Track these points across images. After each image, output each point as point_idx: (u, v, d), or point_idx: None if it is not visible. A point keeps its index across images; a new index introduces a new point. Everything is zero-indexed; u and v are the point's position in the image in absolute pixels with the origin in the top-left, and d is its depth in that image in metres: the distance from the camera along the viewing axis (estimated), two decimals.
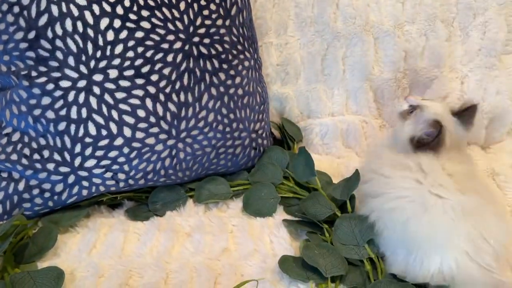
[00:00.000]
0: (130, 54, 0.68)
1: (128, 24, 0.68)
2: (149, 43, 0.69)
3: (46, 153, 0.69)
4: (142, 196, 0.80)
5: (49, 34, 0.65)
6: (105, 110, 0.68)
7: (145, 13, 0.69)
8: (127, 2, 0.68)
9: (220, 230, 0.73)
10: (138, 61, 0.68)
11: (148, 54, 0.69)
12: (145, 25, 0.69)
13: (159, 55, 0.70)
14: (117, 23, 0.67)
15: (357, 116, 0.97)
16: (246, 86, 0.81)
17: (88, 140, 0.69)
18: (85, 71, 0.66)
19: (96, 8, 0.66)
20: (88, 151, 0.69)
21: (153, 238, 0.71)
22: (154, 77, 0.70)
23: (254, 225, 0.75)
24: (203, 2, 0.74)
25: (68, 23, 0.65)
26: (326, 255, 0.65)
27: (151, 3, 0.69)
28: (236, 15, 0.80)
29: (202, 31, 0.74)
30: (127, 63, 0.68)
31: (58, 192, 0.71)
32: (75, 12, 0.65)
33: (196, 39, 0.73)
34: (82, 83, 0.67)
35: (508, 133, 0.98)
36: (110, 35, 0.67)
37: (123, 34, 0.67)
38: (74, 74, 0.66)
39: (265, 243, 0.71)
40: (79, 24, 0.65)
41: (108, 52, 0.67)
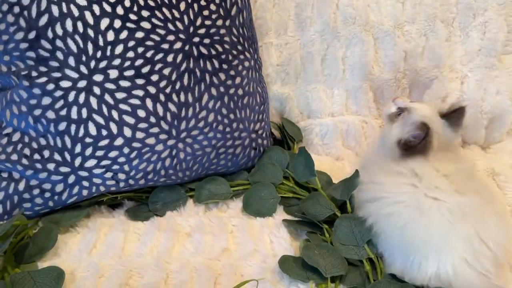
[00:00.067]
0: (130, 54, 0.68)
1: (128, 25, 0.68)
2: (149, 43, 0.69)
3: (46, 153, 0.69)
4: (142, 196, 0.81)
5: (50, 34, 0.65)
6: (105, 110, 0.68)
7: (145, 13, 0.69)
8: (127, 3, 0.68)
9: (220, 230, 0.73)
10: (138, 61, 0.68)
11: (148, 54, 0.69)
12: (145, 25, 0.69)
13: (159, 55, 0.70)
14: (117, 24, 0.67)
15: (357, 116, 0.97)
16: (246, 86, 0.81)
17: (88, 140, 0.69)
18: (85, 71, 0.66)
19: (96, 9, 0.66)
20: (88, 151, 0.69)
21: (153, 238, 0.71)
22: (154, 77, 0.70)
23: (254, 225, 0.75)
24: (203, 3, 0.74)
25: (69, 23, 0.65)
26: (326, 255, 0.65)
27: (151, 3, 0.70)
28: (236, 15, 0.80)
29: (202, 31, 0.74)
30: (127, 63, 0.68)
31: (59, 192, 0.71)
32: (76, 12, 0.65)
33: (196, 39, 0.73)
34: (82, 83, 0.67)
35: (508, 133, 0.98)
36: (110, 36, 0.67)
37: (124, 35, 0.67)
38: (74, 74, 0.66)
39: (265, 243, 0.71)
40: (80, 24, 0.66)
41: (108, 53, 0.67)
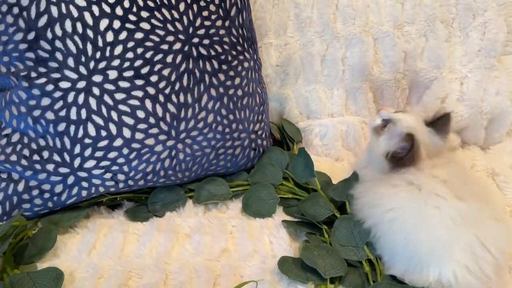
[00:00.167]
0: (130, 55, 0.68)
1: (128, 25, 0.68)
2: (148, 44, 0.69)
3: (45, 154, 0.69)
4: (141, 197, 0.81)
5: (49, 35, 0.65)
6: (104, 111, 0.68)
7: (144, 14, 0.69)
8: (126, 3, 0.68)
9: (220, 231, 0.73)
10: (138, 62, 0.68)
11: (148, 55, 0.69)
12: (144, 26, 0.69)
13: (159, 56, 0.70)
14: (116, 24, 0.67)
15: (357, 117, 0.97)
16: (246, 87, 0.81)
17: (87, 141, 0.69)
18: (84, 72, 0.66)
19: (95, 9, 0.66)
20: (87, 152, 0.69)
21: (152, 239, 0.71)
22: (154, 78, 0.70)
23: (254, 226, 0.75)
24: (202, 3, 0.74)
25: (68, 24, 0.65)
26: (325, 256, 0.65)
27: (150, 4, 0.70)
28: (236, 16, 0.80)
29: (201, 32, 0.74)
30: (126, 64, 0.68)
31: (58, 193, 0.71)
32: (75, 13, 0.65)
33: (196, 40, 0.73)
34: (81, 84, 0.67)
35: (507, 134, 0.98)
36: (109, 36, 0.67)
37: (123, 35, 0.67)
38: (73, 75, 0.66)
39: (264, 244, 0.71)
40: (79, 25, 0.66)
41: (107, 53, 0.67)
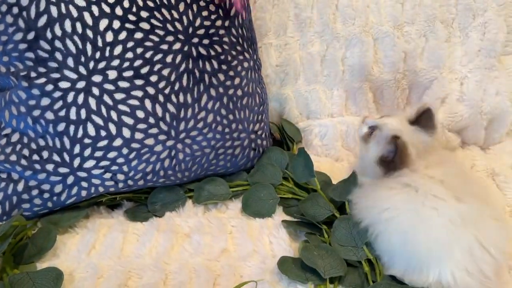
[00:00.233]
0: (129, 55, 0.68)
1: (127, 25, 0.68)
2: (148, 44, 0.69)
3: (45, 154, 0.69)
4: (141, 197, 0.81)
5: (48, 35, 0.65)
6: (104, 111, 0.68)
7: (144, 14, 0.69)
8: (126, 3, 0.68)
9: (219, 231, 0.73)
10: (137, 62, 0.68)
11: (147, 55, 0.69)
12: (144, 26, 0.69)
13: (158, 56, 0.70)
14: (116, 24, 0.67)
15: (357, 117, 0.97)
16: (246, 87, 0.81)
17: (87, 141, 0.69)
18: (84, 72, 0.66)
19: (95, 9, 0.66)
20: (87, 152, 0.69)
21: (152, 239, 0.71)
22: (153, 78, 0.70)
23: (253, 226, 0.75)
24: (202, 3, 0.74)
25: (67, 24, 0.65)
26: (325, 256, 0.65)
27: (150, 4, 0.70)
28: (236, 16, 0.80)
29: (201, 32, 0.74)
30: (126, 64, 0.68)
31: (57, 193, 0.71)
32: (74, 13, 0.65)
33: (195, 40, 0.73)
34: (81, 84, 0.67)
35: (507, 134, 0.98)
36: (109, 36, 0.67)
37: (122, 35, 0.67)
38: (73, 75, 0.66)
39: (264, 244, 0.71)
40: (78, 25, 0.66)
41: (107, 53, 0.67)
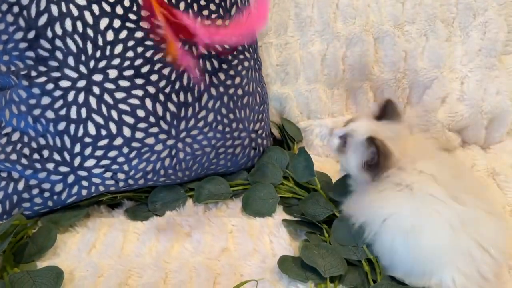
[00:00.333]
0: (130, 54, 0.68)
1: (128, 24, 0.68)
2: (148, 43, 0.69)
3: (45, 153, 0.69)
4: (141, 196, 0.81)
5: (49, 34, 0.65)
6: (104, 110, 0.68)
7: (144, 13, 0.69)
8: (126, 2, 0.68)
9: (220, 230, 0.73)
10: (138, 61, 0.68)
11: (148, 54, 0.69)
12: (144, 25, 0.69)
13: (159, 55, 0.70)
14: (116, 23, 0.67)
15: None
16: (246, 86, 0.81)
17: (87, 140, 0.69)
18: (84, 71, 0.66)
19: (95, 8, 0.66)
20: (87, 151, 0.69)
21: (152, 238, 0.71)
22: (154, 77, 0.70)
23: (254, 225, 0.75)
24: (202, 2, 0.74)
25: (68, 23, 0.65)
26: (325, 255, 0.65)
27: None
28: (236, 15, 0.80)
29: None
30: (126, 63, 0.68)
31: (58, 192, 0.71)
32: (75, 12, 0.65)
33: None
34: (81, 83, 0.67)
35: (508, 133, 0.98)
36: (109, 35, 0.67)
37: (123, 34, 0.67)
38: (73, 74, 0.66)
39: (264, 243, 0.71)
40: (79, 24, 0.66)
41: (107, 52, 0.67)
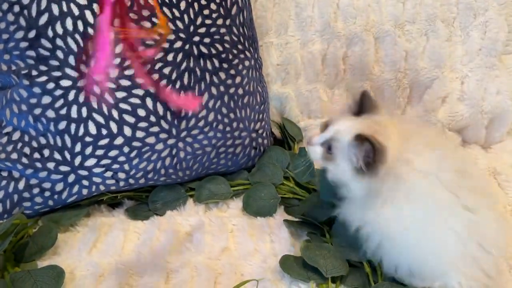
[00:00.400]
0: None
1: None
2: (149, 42, 0.69)
3: (46, 152, 0.69)
4: (142, 195, 0.80)
5: (50, 33, 0.65)
6: (105, 109, 0.68)
7: (145, 13, 0.69)
8: (127, 2, 0.68)
9: (220, 230, 0.73)
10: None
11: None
12: (145, 24, 0.69)
13: (160, 55, 0.70)
14: (117, 23, 0.67)
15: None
16: (247, 86, 0.81)
17: (88, 139, 0.68)
18: (85, 70, 0.66)
19: (96, 8, 0.66)
20: (88, 150, 0.69)
21: (153, 238, 0.71)
22: (155, 77, 0.70)
23: (254, 225, 0.75)
24: (203, 2, 0.74)
25: (69, 22, 0.65)
26: (327, 256, 0.65)
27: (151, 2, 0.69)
28: (237, 15, 0.80)
29: (202, 30, 0.74)
30: (127, 62, 0.68)
31: (58, 191, 0.71)
32: (76, 11, 0.65)
33: (197, 39, 0.73)
34: (82, 83, 0.67)
35: (508, 133, 0.98)
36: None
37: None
38: (74, 73, 0.66)
39: (265, 243, 0.71)
40: (80, 23, 0.65)
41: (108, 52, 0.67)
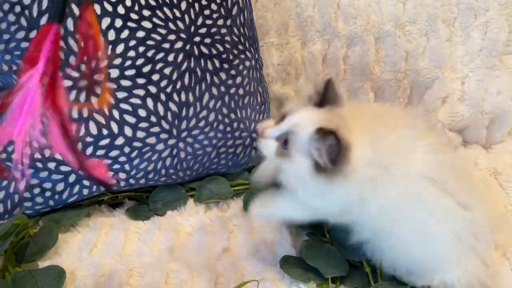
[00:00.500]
0: (131, 53, 0.68)
1: (129, 24, 0.68)
2: (150, 42, 0.69)
3: (47, 152, 0.69)
4: (142, 196, 0.81)
5: None
6: (106, 109, 0.68)
7: (146, 12, 0.69)
8: (128, 2, 0.68)
9: (221, 230, 0.73)
10: (139, 61, 0.68)
11: (149, 53, 0.69)
12: (146, 24, 0.69)
13: (160, 55, 0.70)
14: (118, 23, 0.67)
15: None
16: (247, 86, 0.81)
17: (89, 139, 0.69)
18: (86, 70, 0.66)
19: (97, 8, 0.66)
20: (89, 151, 0.69)
21: (153, 238, 0.71)
22: (155, 77, 0.70)
23: (255, 225, 0.75)
24: (204, 2, 0.74)
25: (70, 23, 0.65)
26: (327, 256, 0.65)
27: (152, 2, 0.69)
28: (237, 15, 0.80)
29: (203, 30, 0.74)
30: (128, 62, 0.68)
31: (59, 191, 0.71)
32: (76, 11, 0.65)
33: (197, 39, 0.73)
34: (83, 83, 0.67)
35: (509, 133, 0.98)
36: (111, 35, 0.67)
37: (124, 34, 0.67)
38: (75, 74, 0.66)
39: (265, 243, 0.71)
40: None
41: (109, 52, 0.67)
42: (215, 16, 0.75)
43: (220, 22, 0.76)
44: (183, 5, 0.72)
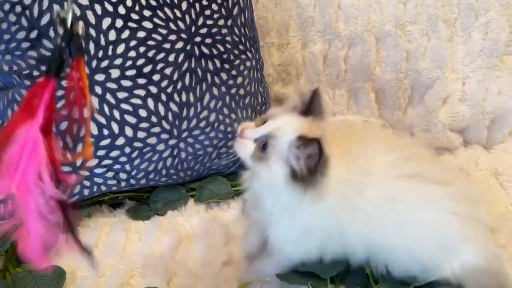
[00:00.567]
0: (132, 54, 0.68)
1: (130, 24, 0.68)
2: (151, 43, 0.69)
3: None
4: (143, 196, 0.81)
5: (51, 33, 0.65)
6: (106, 109, 0.68)
7: (147, 13, 0.69)
8: (129, 2, 0.68)
9: (221, 230, 0.73)
10: (140, 61, 0.68)
11: (150, 54, 0.69)
12: (147, 25, 0.69)
13: (161, 55, 0.70)
14: (119, 23, 0.67)
15: (359, 117, 0.97)
16: (248, 86, 0.81)
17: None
18: (87, 71, 0.66)
19: (98, 8, 0.66)
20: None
21: (154, 238, 0.71)
22: (156, 77, 0.70)
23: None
24: (205, 2, 0.74)
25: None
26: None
27: (153, 3, 0.70)
28: (238, 15, 0.80)
29: (204, 31, 0.74)
30: (129, 62, 0.68)
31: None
32: (77, 11, 0.65)
33: (198, 39, 0.73)
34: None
35: (510, 134, 0.98)
36: (112, 35, 0.67)
37: (125, 34, 0.67)
38: (75, 74, 0.66)
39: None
40: (81, 24, 0.65)
41: (110, 52, 0.67)
42: (216, 16, 0.75)
43: (221, 22, 0.76)
44: (184, 5, 0.72)
